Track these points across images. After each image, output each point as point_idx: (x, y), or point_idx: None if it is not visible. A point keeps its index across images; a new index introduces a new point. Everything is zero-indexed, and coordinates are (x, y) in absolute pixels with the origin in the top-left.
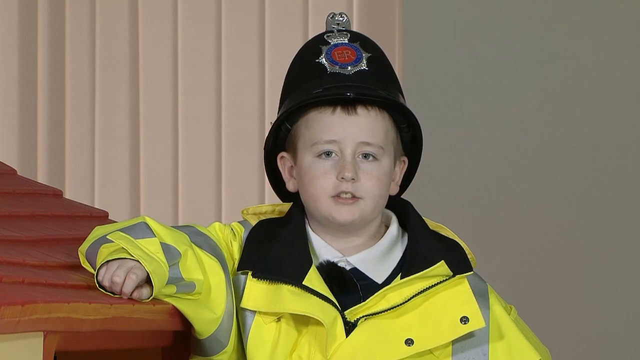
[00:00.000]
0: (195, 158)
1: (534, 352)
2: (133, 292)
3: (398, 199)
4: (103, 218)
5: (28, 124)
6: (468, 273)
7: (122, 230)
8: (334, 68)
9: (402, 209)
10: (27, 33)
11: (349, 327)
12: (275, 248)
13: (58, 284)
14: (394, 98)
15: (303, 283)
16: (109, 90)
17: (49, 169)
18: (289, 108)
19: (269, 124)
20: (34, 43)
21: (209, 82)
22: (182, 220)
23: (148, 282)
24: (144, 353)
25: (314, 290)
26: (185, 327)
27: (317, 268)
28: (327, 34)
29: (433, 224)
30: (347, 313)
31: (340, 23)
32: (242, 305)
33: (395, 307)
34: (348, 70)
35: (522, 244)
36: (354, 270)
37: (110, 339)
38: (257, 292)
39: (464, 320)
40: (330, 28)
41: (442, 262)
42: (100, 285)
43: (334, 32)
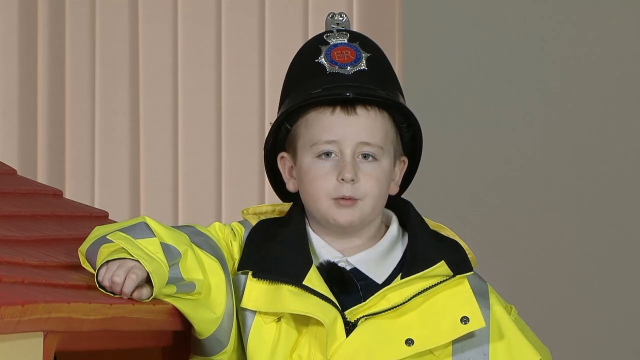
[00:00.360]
0: (195, 158)
1: (534, 352)
2: (133, 292)
3: (398, 199)
4: (103, 218)
5: (28, 124)
6: (468, 273)
7: (122, 230)
8: (334, 68)
9: (402, 209)
10: (27, 33)
11: (349, 327)
12: (276, 248)
13: (58, 284)
14: (394, 98)
15: (303, 283)
16: (109, 90)
17: (49, 169)
18: (289, 108)
19: (269, 124)
20: (34, 43)
21: (209, 82)
22: (182, 220)
23: (148, 282)
24: (144, 353)
25: (314, 290)
26: (185, 327)
27: (317, 268)
28: (326, 34)
29: (433, 224)
30: (347, 313)
31: (340, 23)
32: (242, 305)
33: (396, 307)
34: (347, 70)
35: (522, 244)
36: (354, 271)
37: (110, 339)
38: (257, 292)
39: (464, 320)
40: (330, 28)
41: (442, 262)
42: (101, 285)
43: (334, 32)
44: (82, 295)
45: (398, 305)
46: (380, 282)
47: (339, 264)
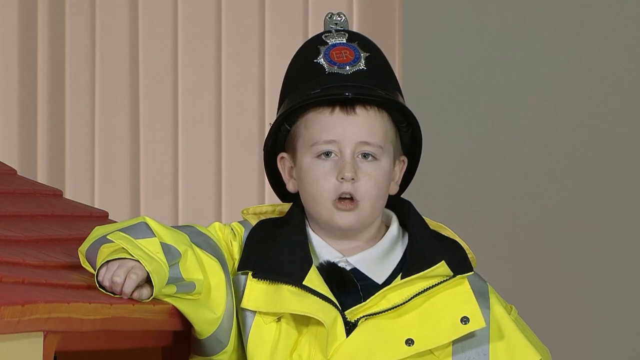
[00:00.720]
0: (195, 158)
1: (534, 352)
2: (133, 292)
3: (398, 199)
4: (103, 218)
5: (28, 124)
6: (468, 273)
7: (122, 230)
8: (333, 68)
9: (402, 209)
10: (27, 33)
11: (350, 327)
12: (276, 248)
13: (58, 284)
14: (393, 97)
15: (303, 283)
16: (109, 90)
17: (49, 169)
18: (288, 109)
19: (269, 125)
20: (34, 43)
21: (209, 82)
22: (182, 220)
23: (148, 282)
24: (144, 353)
25: (315, 290)
26: (185, 327)
27: (317, 268)
28: (325, 34)
29: (433, 224)
30: (347, 313)
31: (339, 23)
32: (242, 306)
33: (396, 307)
34: (346, 70)
35: (522, 243)
36: (354, 271)
37: (110, 339)
38: (257, 292)
39: (465, 321)
40: (329, 28)
41: (442, 262)
42: (101, 285)
43: (332, 32)
44: (82, 295)
45: (398, 306)
46: (381, 282)
47: (339, 264)
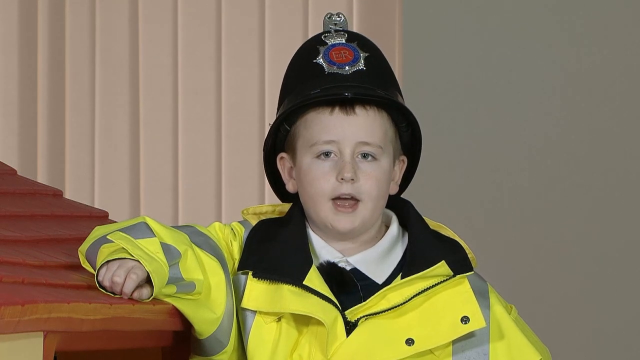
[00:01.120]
0: (195, 158)
1: (535, 352)
2: (133, 292)
3: (398, 199)
4: (103, 218)
5: (28, 124)
6: (468, 273)
7: (122, 230)
8: (332, 68)
9: (402, 209)
10: (27, 33)
11: (350, 327)
12: (276, 248)
13: (58, 284)
14: (393, 97)
15: (304, 283)
16: (109, 90)
17: (49, 169)
18: (288, 109)
19: (268, 125)
20: (34, 43)
21: (209, 82)
22: (182, 220)
23: (148, 282)
24: (144, 353)
25: (315, 290)
26: (185, 327)
27: (317, 268)
28: (324, 35)
29: (433, 224)
30: (347, 313)
31: (338, 23)
32: (242, 305)
33: (396, 307)
34: (346, 70)
35: (522, 243)
36: (354, 271)
37: (110, 339)
38: (257, 292)
39: (465, 320)
40: (328, 28)
41: (442, 262)
42: (101, 285)
43: (331, 32)
44: (82, 295)
45: (398, 305)
46: (381, 282)
47: (339, 264)
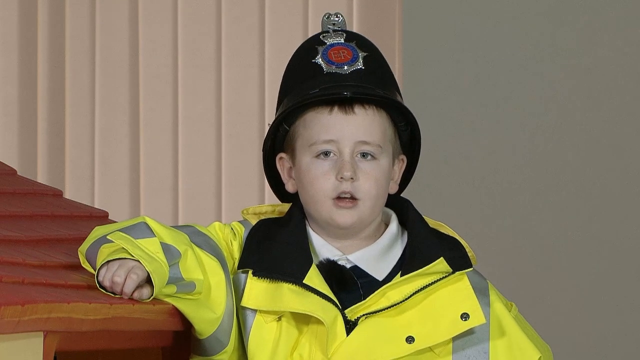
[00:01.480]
0: (195, 158)
1: (535, 349)
2: (134, 292)
3: (397, 198)
4: (103, 218)
5: (28, 124)
6: (467, 270)
7: (122, 230)
8: (331, 68)
9: (401, 208)
10: (27, 33)
11: (350, 325)
12: (276, 247)
13: (58, 284)
14: (392, 97)
15: (304, 282)
16: (109, 90)
17: (49, 169)
18: (287, 109)
19: (268, 125)
20: (34, 43)
21: (209, 82)
22: (182, 220)
23: (148, 282)
24: (144, 353)
25: (315, 289)
26: (185, 327)
27: (317, 266)
28: (323, 34)
29: (433, 222)
30: (347, 312)
31: (336, 23)
32: (242, 304)
33: (396, 304)
34: (344, 70)
35: (522, 242)
36: (354, 268)
37: (110, 339)
38: (257, 290)
39: (465, 317)
40: (326, 28)
41: (441, 258)
42: (101, 286)
43: (330, 32)
44: (82, 295)
45: (398, 303)
46: (381, 279)
47: (339, 262)
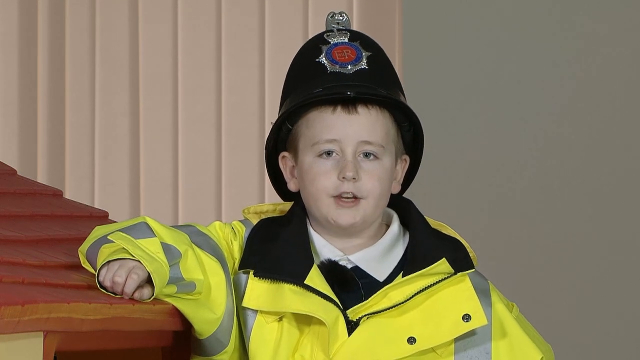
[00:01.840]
0: (195, 158)
1: (537, 350)
2: (134, 292)
3: (399, 198)
4: (103, 218)
5: (28, 124)
6: (469, 270)
7: (122, 230)
8: (334, 67)
9: (403, 208)
10: (27, 33)
11: (351, 326)
12: (277, 247)
13: (58, 284)
14: (395, 97)
15: (305, 282)
16: (109, 90)
17: (49, 169)
18: (290, 108)
19: (270, 124)
20: (34, 43)
21: (209, 82)
22: (182, 220)
23: (149, 282)
24: (144, 353)
25: (316, 290)
26: (185, 327)
27: (318, 267)
28: (326, 34)
29: (435, 223)
30: (349, 312)
31: (340, 22)
32: (243, 305)
33: (397, 305)
34: (348, 70)
35: (523, 243)
36: (356, 269)
37: (110, 339)
38: (258, 291)
39: (466, 318)
40: (330, 27)
41: (443, 259)
42: (102, 286)
43: (334, 31)
44: (82, 295)
45: (400, 304)
46: (382, 280)
47: (340, 263)
